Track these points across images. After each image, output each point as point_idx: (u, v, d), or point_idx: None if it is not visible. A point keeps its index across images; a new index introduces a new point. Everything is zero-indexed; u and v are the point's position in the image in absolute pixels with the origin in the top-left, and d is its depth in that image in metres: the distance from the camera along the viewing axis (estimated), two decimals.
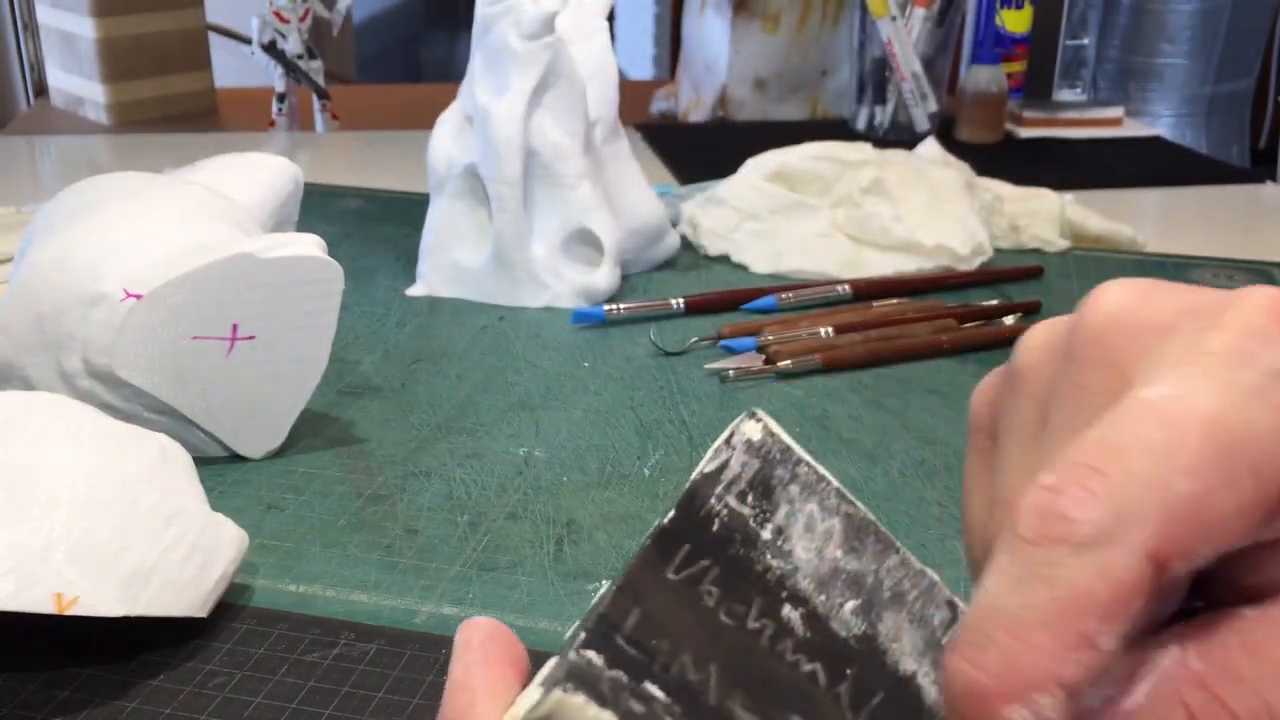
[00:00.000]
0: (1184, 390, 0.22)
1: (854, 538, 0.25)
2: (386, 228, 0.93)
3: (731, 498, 0.25)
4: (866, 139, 1.14)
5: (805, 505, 0.25)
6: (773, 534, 0.25)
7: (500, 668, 0.25)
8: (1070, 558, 0.21)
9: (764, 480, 0.25)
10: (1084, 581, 0.21)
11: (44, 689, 0.42)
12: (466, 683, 0.25)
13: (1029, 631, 0.21)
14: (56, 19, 1.31)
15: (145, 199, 0.58)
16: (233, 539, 0.46)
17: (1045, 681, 0.21)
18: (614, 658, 0.21)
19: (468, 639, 0.26)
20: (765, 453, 0.25)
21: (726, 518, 0.24)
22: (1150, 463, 0.22)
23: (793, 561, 0.24)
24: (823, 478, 0.25)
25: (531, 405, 0.65)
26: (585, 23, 0.81)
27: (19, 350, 0.55)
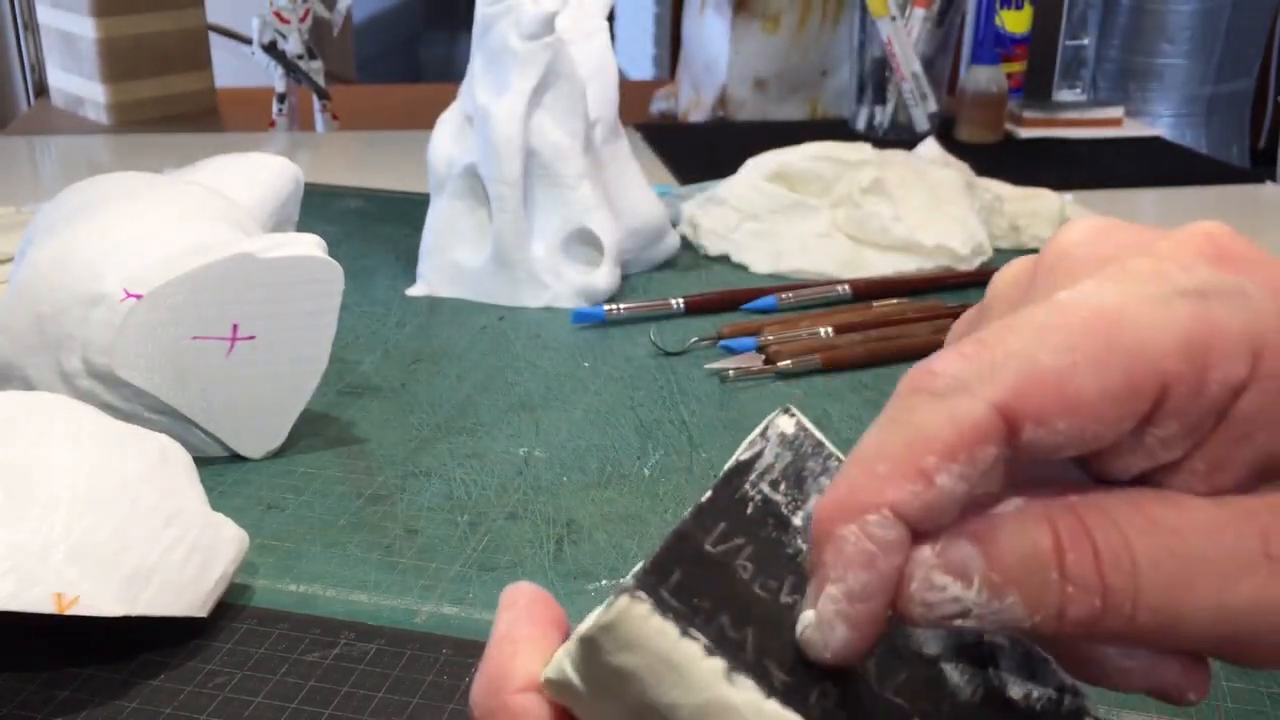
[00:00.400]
0: (1090, 291, 0.24)
1: None
2: (386, 228, 0.93)
3: (765, 485, 0.25)
4: (866, 139, 1.14)
5: None
6: (803, 521, 0.25)
7: (543, 626, 0.26)
8: (923, 403, 0.23)
9: (796, 471, 0.26)
10: (929, 422, 0.23)
11: (44, 689, 0.42)
12: (510, 635, 0.26)
13: (871, 464, 0.23)
14: (57, 19, 1.31)
15: (145, 199, 0.58)
16: (233, 539, 0.46)
17: (876, 504, 0.23)
18: (660, 604, 0.22)
19: (512, 599, 0.27)
20: (798, 446, 0.26)
21: (760, 503, 0.25)
22: (1025, 337, 0.24)
23: None
24: None
25: (531, 405, 0.65)
26: (585, 23, 0.81)
27: (19, 350, 0.55)
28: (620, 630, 0.22)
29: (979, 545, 0.23)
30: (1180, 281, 0.24)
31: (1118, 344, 0.23)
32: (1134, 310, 0.24)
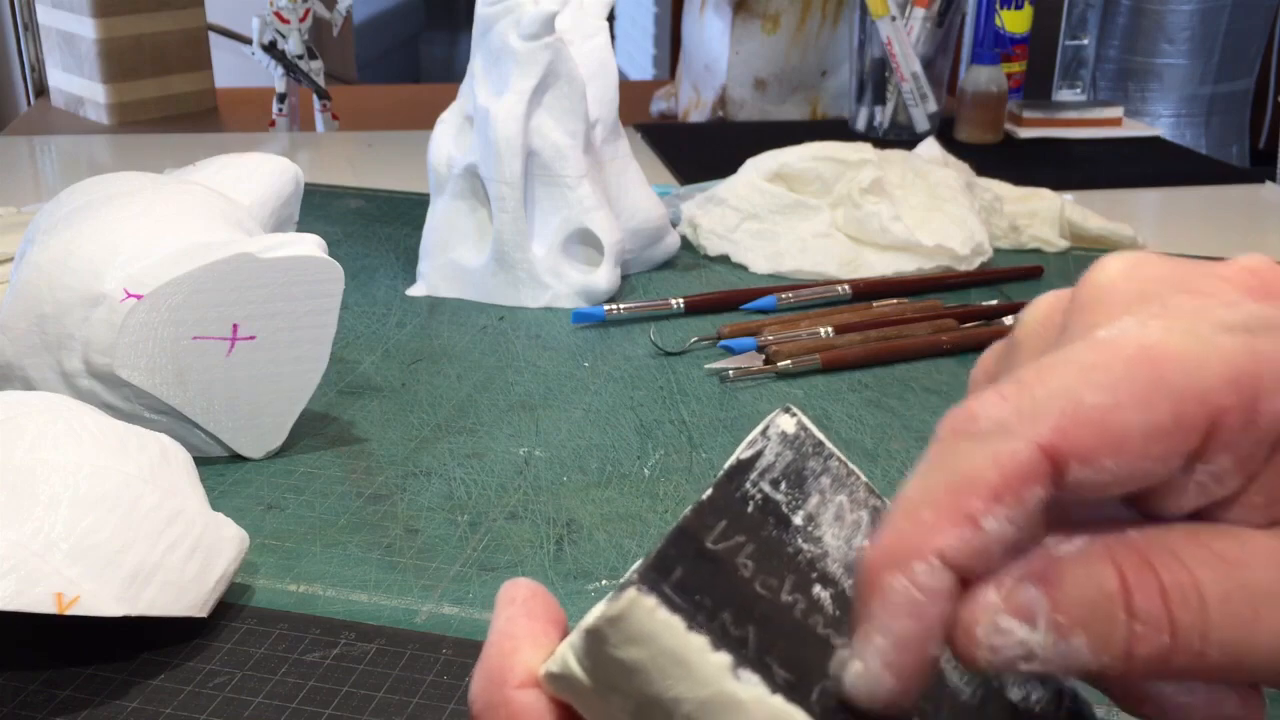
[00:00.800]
0: (1131, 328, 0.24)
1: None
2: (386, 228, 0.93)
3: (766, 484, 0.25)
4: (866, 139, 1.14)
5: (835, 496, 0.26)
6: (804, 520, 0.25)
7: (542, 622, 0.26)
8: (965, 447, 0.23)
9: (797, 471, 0.26)
10: (973, 466, 0.23)
11: (44, 688, 0.42)
12: (510, 631, 0.26)
13: (918, 509, 0.23)
14: (57, 19, 1.31)
15: (146, 199, 0.59)
16: (233, 539, 0.46)
17: (924, 551, 0.22)
18: (665, 598, 0.22)
19: (511, 596, 0.26)
20: (799, 445, 0.26)
21: (761, 501, 0.25)
22: (1067, 376, 0.23)
23: (822, 547, 0.25)
24: (852, 472, 0.26)
25: (531, 405, 0.65)
26: (585, 23, 0.81)
27: (20, 350, 0.55)
28: (627, 623, 0.22)
29: (1043, 588, 0.23)
30: (1224, 317, 0.24)
31: (1163, 380, 0.23)
32: (1179, 346, 0.23)
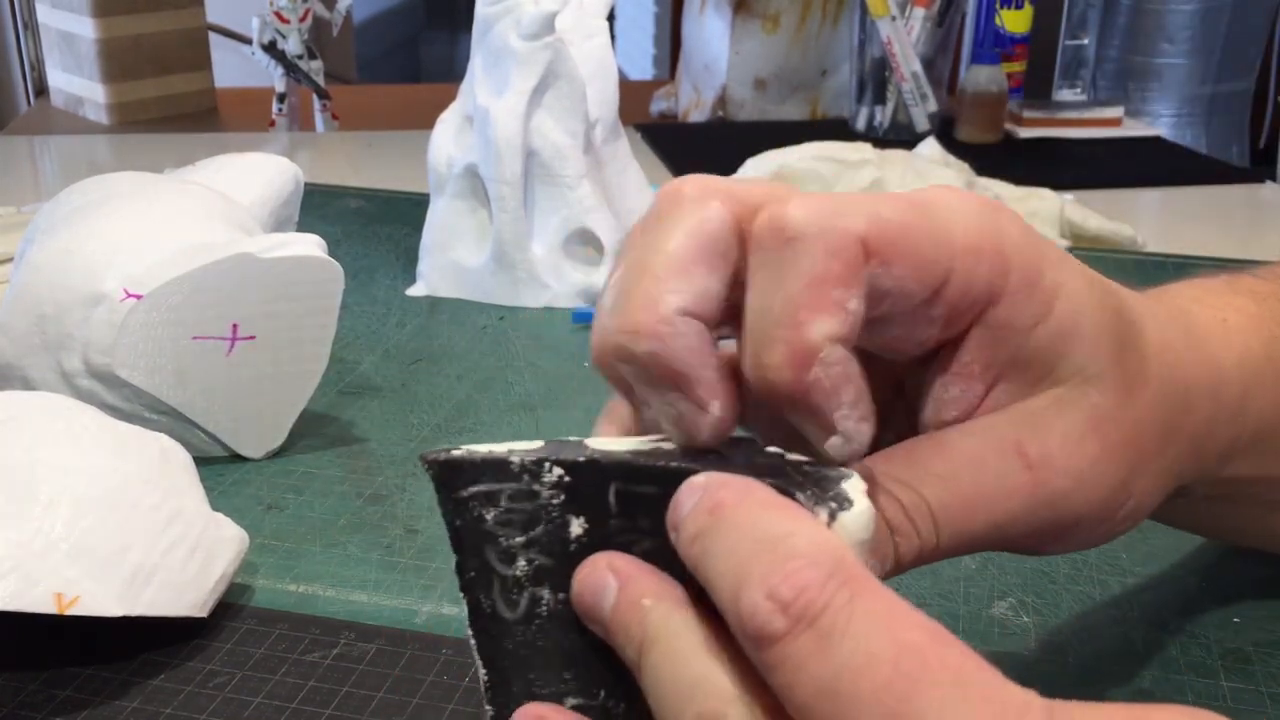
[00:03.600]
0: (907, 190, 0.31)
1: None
2: (386, 228, 0.93)
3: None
4: (866, 139, 1.14)
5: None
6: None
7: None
8: (801, 250, 0.28)
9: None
10: (817, 263, 0.27)
11: (44, 688, 0.42)
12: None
13: (794, 315, 0.27)
14: (56, 19, 1.31)
15: (145, 199, 0.59)
16: (233, 539, 0.46)
17: (819, 344, 0.27)
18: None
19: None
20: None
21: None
22: (863, 199, 0.29)
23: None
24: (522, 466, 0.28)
25: (531, 405, 0.65)
26: (585, 23, 0.81)
27: (19, 350, 0.55)
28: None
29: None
30: (973, 198, 0.30)
31: (934, 223, 0.29)
32: (942, 200, 0.30)
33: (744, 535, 0.25)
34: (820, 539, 0.25)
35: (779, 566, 0.24)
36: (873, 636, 0.23)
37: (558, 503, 0.27)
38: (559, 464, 0.27)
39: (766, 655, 0.23)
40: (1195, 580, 0.49)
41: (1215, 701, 0.42)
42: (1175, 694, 0.43)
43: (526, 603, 0.27)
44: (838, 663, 0.23)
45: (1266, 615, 0.47)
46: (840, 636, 0.23)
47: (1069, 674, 0.43)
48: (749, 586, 0.24)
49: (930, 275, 0.29)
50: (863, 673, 0.22)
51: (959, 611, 0.47)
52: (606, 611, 0.27)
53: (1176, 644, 0.45)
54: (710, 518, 0.25)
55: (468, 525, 0.28)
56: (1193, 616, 0.47)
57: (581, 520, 0.27)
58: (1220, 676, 0.44)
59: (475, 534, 0.28)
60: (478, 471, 0.27)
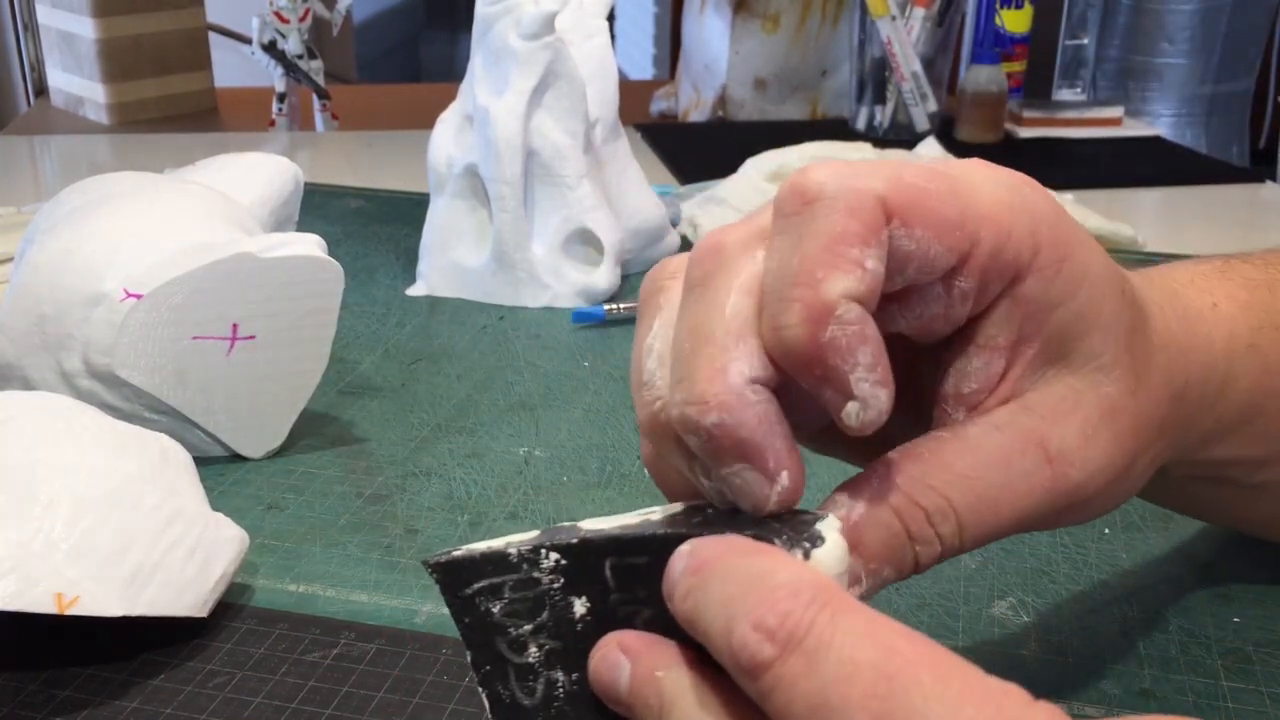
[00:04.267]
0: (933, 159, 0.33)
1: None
2: (386, 228, 0.93)
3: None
4: (866, 139, 1.14)
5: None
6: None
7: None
8: (819, 212, 0.28)
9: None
10: (836, 223, 0.28)
11: (44, 688, 0.42)
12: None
13: (811, 274, 0.27)
14: (56, 19, 1.31)
15: (146, 199, 0.58)
16: (233, 539, 0.46)
17: (836, 300, 0.27)
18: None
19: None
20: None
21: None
22: (886, 165, 0.29)
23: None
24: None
25: (531, 405, 0.65)
26: (585, 23, 0.81)
27: (19, 350, 0.55)
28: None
29: (856, 553, 0.29)
30: (998, 173, 0.31)
31: (958, 188, 0.29)
32: (968, 170, 0.30)
33: (728, 581, 0.26)
34: (799, 570, 0.26)
35: (763, 599, 0.25)
36: (856, 647, 0.24)
37: (558, 586, 0.28)
38: (554, 549, 0.28)
39: (761, 683, 0.24)
40: (1195, 581, 0.49)
41: (1215, 701, 0.42)
42: (1175, 694, 0.43)
43: (543, 688, 0.28)
44: (826, 676, 0.23)
45: (1266, 615, 0.47)
46: (826, 651, 0.24)
47: (1069, 674, 0.43)
48: (737, 623, 0.25)
49: (955, 240, 0.29)
50: (850, 681, 0.23)
51: (959, 611, 0.47)
52: (624, 689, 0.27)
53: (1176, 644, 0.45)
54: (696, 576, 0.26)
55: (476, 621, 0.29)
56: (1193, 616, 0.47)
57: (583, 600, 0.28)
58: (1220, 676, 0.44)
59: (485, 628, 0.29)
60: (479, 568, 0.28)
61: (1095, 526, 0.53)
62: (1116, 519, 0.54)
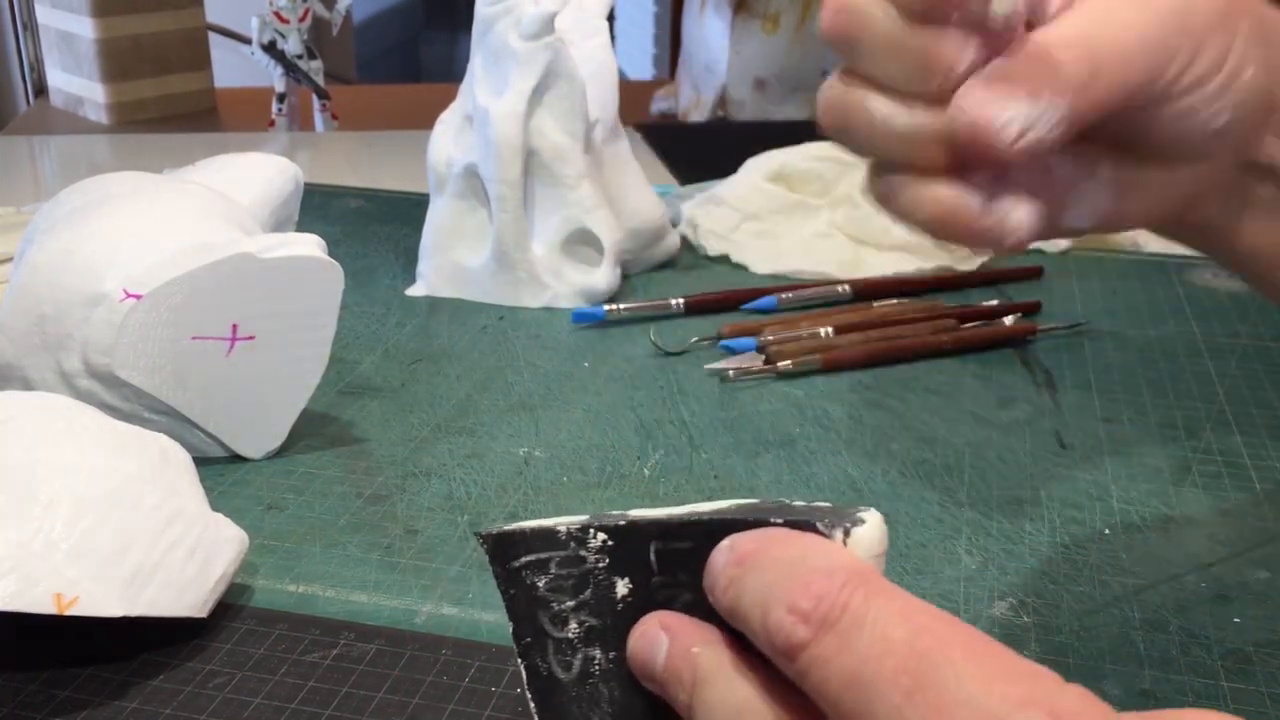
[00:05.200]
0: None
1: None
2: (386, 228, 0.93)
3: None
4: None
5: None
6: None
7: None
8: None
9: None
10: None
11: (44, 689, 0.42)
12: None
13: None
14: (56, 19, 1.31)
15: (145, 199, 0.58)
16: (233, 539, 0.46)
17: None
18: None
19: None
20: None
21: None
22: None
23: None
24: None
25: (531, 405, 0.65)
26: (585, 23, 0.81)
27: (19, 350, 0.55)
28: None
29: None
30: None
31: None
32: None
33: (766, 570, 0.27)
34: (833, 554, 0.27)
35: (798, 583, 0.26)
36: (889, 625, 0.24)
37: (603, 566, 0.29)
38: (602, 529, 0.29)
39: (797, 664, 0.25)
40: (1195, 580, 0.49)
41: (1215, 702, 0.42)
42: (1175, 694, 0.43)
43: (580, 663, 0.29)
44: (859, 654, 0.24)
45: (1266, 615, 0.47)
46: (859, 631, 0.24)
47: (1069, 674, 0.43)
48: (773, 608, 0.26)
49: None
50: (882, 658, 0.24)
51: (959, 612, 0.47)
52: (660, 664, 0.28)
53: (1176, 644, 0.45)
54: (738, 568, 0.27)
55: (521, 594, 0.29)
56: (1193, 616, 0.47)
57: (626, 581, 0.29)
58: (1220, 677, 0.44)
59: (529, 601, 0.29)
60: (528, 542, 0.29)
61: (1095, 526, 0.53)
62: (1117, 519, 0.54)
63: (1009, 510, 0.54)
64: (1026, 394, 0.67)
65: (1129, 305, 0.80)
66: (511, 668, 0.44)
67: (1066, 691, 0.24)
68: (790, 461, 0.59)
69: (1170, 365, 0.71)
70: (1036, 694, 0.23)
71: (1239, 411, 0.65)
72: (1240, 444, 0.61)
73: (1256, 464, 0.59)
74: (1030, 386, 0.67)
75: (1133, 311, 0.79)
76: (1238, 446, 0.61)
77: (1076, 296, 0.81)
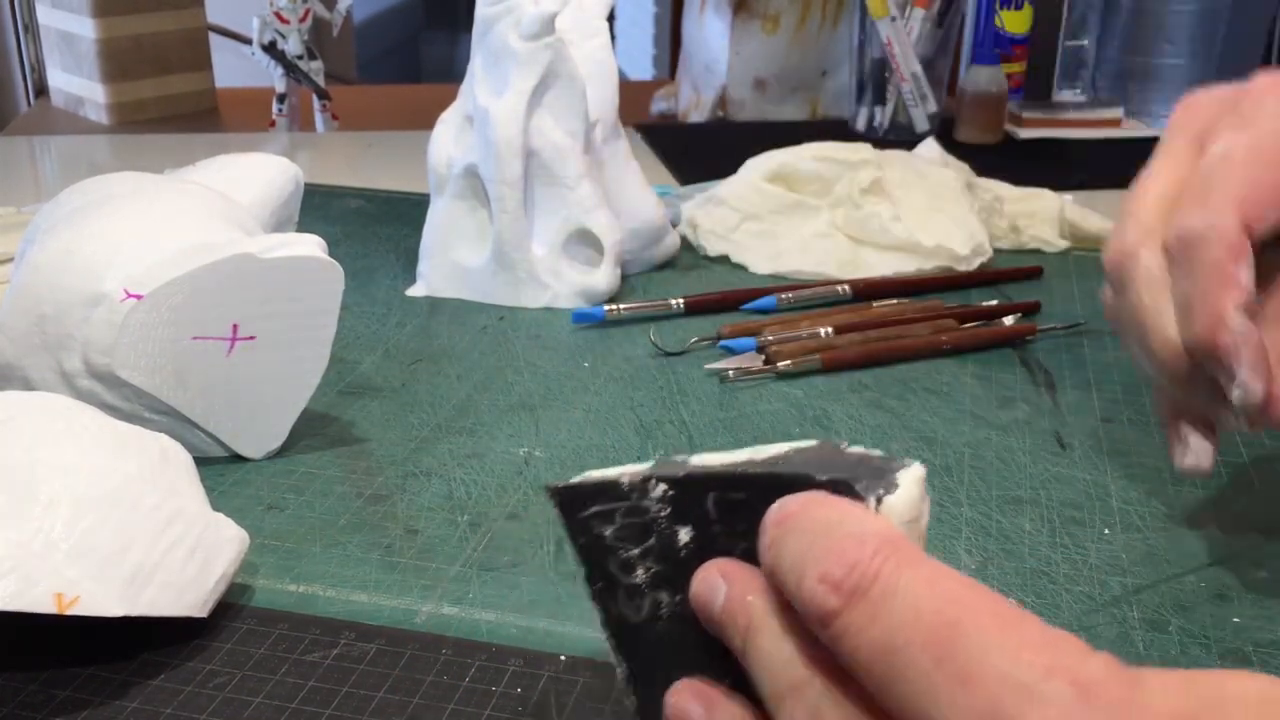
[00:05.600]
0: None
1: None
2: (386, 228, 0.93)
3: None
4: (866, 139, 1.14)
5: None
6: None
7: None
8: (1202, 254, 0.42)
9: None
10: (1217, 257, 0.41)
11: (44, 689, 0.42)
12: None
13: (1206, 297, 0.41)
14: (56, 19, 1.31)
15: (146, 199, 0.59)
16: (233, 539, 0.46)
17: (1233, 311, 0.40)
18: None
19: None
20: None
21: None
22: (1239, 164, 0.43)
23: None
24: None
25: (531, 405, 0.65)
26: (585, 23, 0.81)
27: (20, 350, 0.55)
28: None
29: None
30: None
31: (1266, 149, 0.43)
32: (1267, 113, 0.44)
33: (802, 534, 0.28)
34: (867, 521, 0.27)
35: (830, 550, 0.26)
36: (919, 594, 0.25)
37: (665, 515, 0.31)
38: (662, 480, 0.31)
39: (830, 631, 0.26)
40: (1195, 580, 0.49)
41: None
42: None
43: (649, 606, 0.31)
44: (891, 622, 0.25)
45: (1266, 615, 0.47)
46: (890, 600, 0.25)
47: None
48: (806, 574, 0.26)
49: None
50: (913, 626, 0.25)
51: None
52: (718, 608, 0.29)
53: (1176, 644, 0.45)
54: (779, 528, 0.28)
55: (590, 542, 0.31)
56: (1192, 616, 0.47)
57: (688, 529, 0.30)
58: None
59: (598, 549, 0.31)
60: (593, 494, 0.31)
61: (1095, 526, 0.53)
62: (1116, 519, 0.54)
63: (1008, 510, 0.55)
64: (1026, 394, 0.67)
65: None
66: (512, 667, 0.44)
67: (1093, 659, 0.24)
68: None
69: None
70: (1063, 662, 0.24)
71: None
72: (1239, 443, 0.61)
73: (1256, 464, 0.59)
74: (1030, 386, 0.68)
75: None
76: (1237, 446, 0.61)
77: (1076, 296, 0.81)
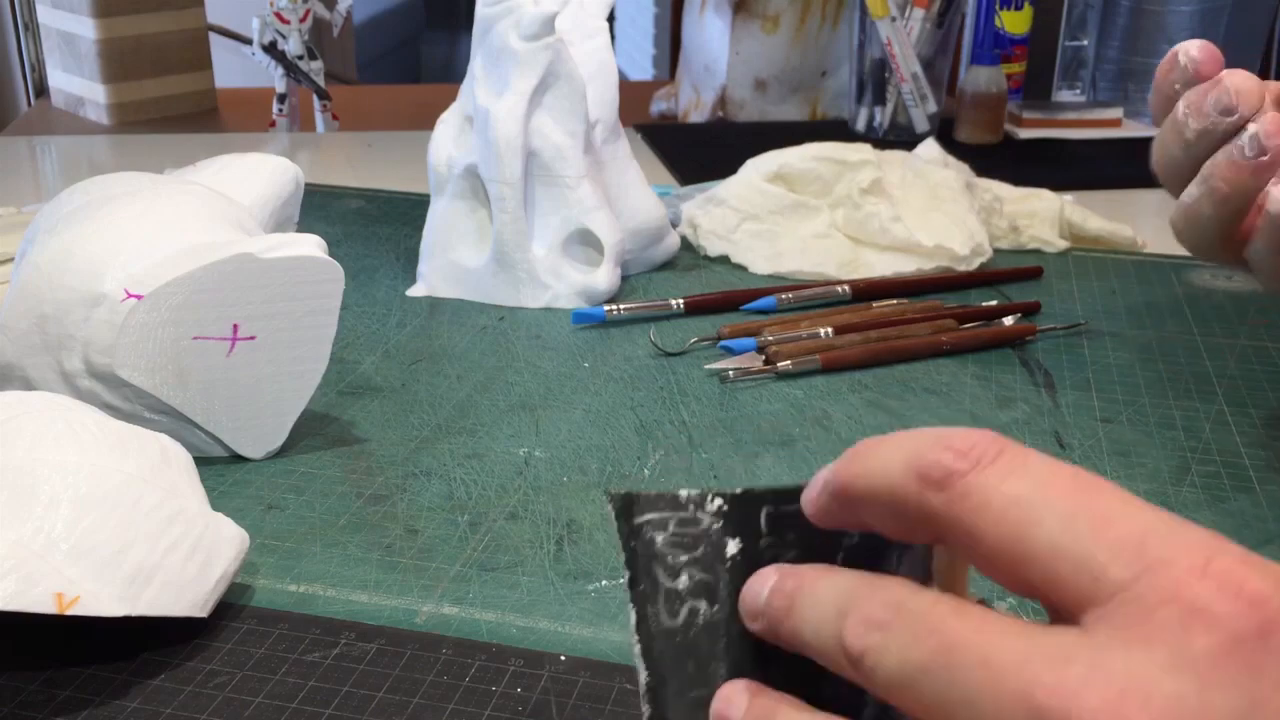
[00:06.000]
0: None
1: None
2: (386, 228, 0.93)
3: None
4: (866, 139, 1.14)
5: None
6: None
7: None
8: None
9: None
10: None
11: (44, 688, 0.42)
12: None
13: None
14: (57, 19, 1.31)
15: (146, 199, 0.59)
16: (233, 539, 0.47)
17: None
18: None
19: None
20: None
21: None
22: None
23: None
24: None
25: (531, 405, 0.65)
26: (585, 23, 0.81)
27: (20, 350, 0.56)
28: None
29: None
30: None
31: None
32: None
33: (896, 447, 0.27)
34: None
35: (949, 435, 0.27)
36: (1052, 463, 0.26)
37: (717, 528, 0.32)
38: (720, 495, 0.32)
39: (955, 488, 0.26)
40: None
41: None
42: None
43: (686, 613, 0.32)
44: (1030, 478, 0.26)
45: None
46: (1025, 462, 0.26)
47: None
48: (924, 452, 0.26)
49: None
50: (1051, 482, 0.26)
51: None
52: (764, 597, 0.30)
53: None
54: (859, 449, 0.28)
55: (641, 547, 0.32)
56: None
57: (736, 541, 0.32)
58: None
59: (647, 554, 0.32)
60: (652, 503, 0.32)
61: None
62: None
63: None
64: (1026, 394, 0.67)
65: (1129, 305, 0.80)
66: (512, 667, 0.44)
67: (1230, 548, 0.25)
68: (790, 462, 0.59)
69: (1169, 366, 0.71)
70: (1179, 524, 0.25)
71: (1238, 412, 0.65)
72: (1239, 444, 0.61)
73: (1255, 464, 0.59)
74: (1030, 387, 0.68)
75: (1132, 312, 0.79)
76: (1237, 446, 0.61)
77: (1076, 297, 0.81)
